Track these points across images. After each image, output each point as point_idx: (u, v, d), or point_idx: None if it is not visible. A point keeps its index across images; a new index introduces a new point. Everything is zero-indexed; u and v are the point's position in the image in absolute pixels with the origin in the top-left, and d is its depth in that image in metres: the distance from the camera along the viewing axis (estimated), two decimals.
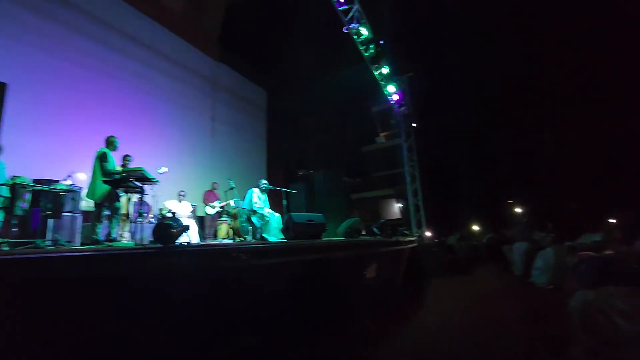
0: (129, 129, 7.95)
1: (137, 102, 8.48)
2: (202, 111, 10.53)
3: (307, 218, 5.69)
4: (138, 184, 4.60)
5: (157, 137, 8.76)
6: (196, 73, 10.43)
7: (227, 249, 3.23)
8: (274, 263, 3.62)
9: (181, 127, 9.63)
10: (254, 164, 12.33)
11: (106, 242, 4.36)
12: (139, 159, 6.44)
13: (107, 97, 7.79)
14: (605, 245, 4.97)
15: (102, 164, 4.54)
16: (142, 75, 8.70)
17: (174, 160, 8.85)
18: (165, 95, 9.27)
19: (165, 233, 2.87)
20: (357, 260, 5.15)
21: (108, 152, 4.69)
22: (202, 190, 8.45)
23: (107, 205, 4.54)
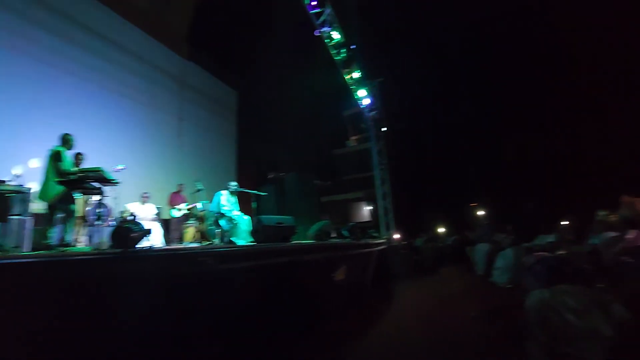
0: (90, 127, 7.51)
1: (98, 100, 8.03)
2: (169, 111, 10.16)
3: (277, 221, 5.63)
4: (97, 185, 4.35)
5: (121, 137, 8.34)
6: (163, 71, 10.06)
7: (193, 253, 3.12)
8: (243, 267, 3.55)
9: (147, 126, 9.23)
10: (223, 165, 12.05)
11: (59, 248, 4.07)
12: (100, 159, 6.09)
13: (65, 93, 7.33)
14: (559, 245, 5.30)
15: (57, 163, 4.23)
16: (105, 71, 8.27)
17: (139, 161, 8.46)
18: (130, 93, 8.85)
19: (124, 237, 2.72)
20: (327, 262, 5.16)
21: (63, 150, 4.39)
22: (168, 192, 8.14)
23: (60, 208, 4.25)
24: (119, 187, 6.27)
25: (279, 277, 4.12)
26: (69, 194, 4.25)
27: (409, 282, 8.20)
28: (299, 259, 4.44)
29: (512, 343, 2.90)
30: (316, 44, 8.60)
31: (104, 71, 8.24)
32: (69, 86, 7.42)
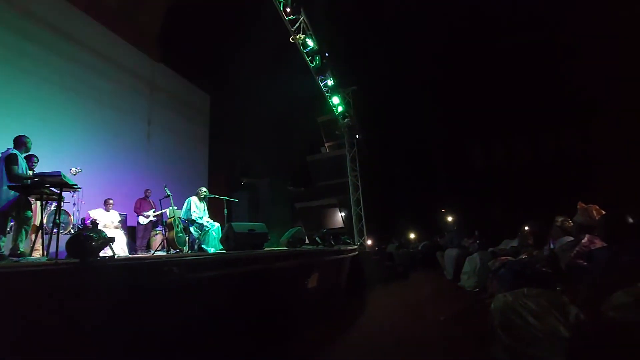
0: (51, 130, 7.12)
1: (60, 101, 7.61)
2: (137, 113, 9.80)
3: (249, 228, 5.54)
4: (55, 191, 4.10)
5: (85, 140, 7.93)
6: (132, 72, 9.71)
7: (158, 263, 2.99)
8: (212, 276, 3.44)
9: (112, 129, 8.84)
10: (193, 170, 11.74)
11: (12, 258, 3.79)
12: (58, 162, 5.76)
13: (23, 93, 6.89)
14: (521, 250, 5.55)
15: (11, 167, 3.96)
16: (68, 71, 7.86)
17: (103, 164, 8.09)
18: (94, 93, 8.45)
19: (83, 246, 2.57)
20: (300, 270, 5.12)
21: (18, 154, 4.12)
22: (134, 198, 7.83)
23: (13, 215, 3.96)
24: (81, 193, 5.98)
25: (250, 285, 4.04)
26: (23, 200, 3.98)
27: (381, 288, 8.28)
28: (271, 266, 4.38)
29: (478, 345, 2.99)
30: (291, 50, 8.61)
31: (68, 71, 7.85)
32: (29, 86, 7.00)
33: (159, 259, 3.30)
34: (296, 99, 15.60)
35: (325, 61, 9.11)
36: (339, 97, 10.93)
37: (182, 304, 3.14)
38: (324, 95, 10.60)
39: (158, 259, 3.19)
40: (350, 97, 11.93)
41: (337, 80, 10.48)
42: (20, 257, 3.82)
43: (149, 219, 7.56)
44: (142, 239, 7.49)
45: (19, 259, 3.74)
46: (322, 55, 8.86)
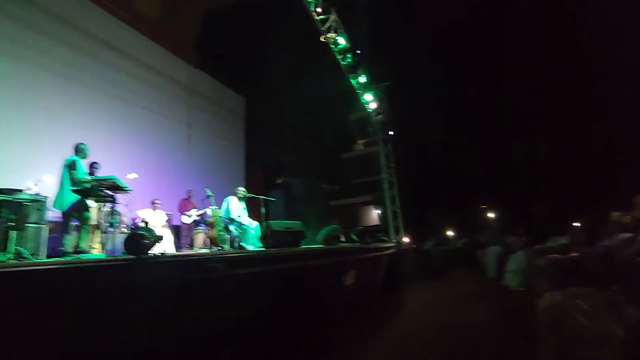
0: (101, 136, 7.66)
1: (109, 109, 8.20)
2: (178, 118, 10.32)
3: (286, 226, 5.68)
4: (109, 193, 4.45)
5: (131, 145, 8.49)
6: (172, 79, 10.23)
7: (203, 259, 3.17)
8: (252, 272, 3.58)
9: (156, 134, 9.39)
10: (231, 171, 12.16)
11: (74, 254, 4.17)
12: (111, 167, 6.22)
13: (78, 103, 7.50)
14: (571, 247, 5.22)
15: (71, 172, 4.36)
16: (115, 81, 8.44)
17: (149, 168, 8.59)
18: (140, 101, 9.02)
19: (137, 244, 2.78)
20: (336, 267, 5.16)
21: (77, 160, 4.52)
22: (178, 198, 8.25)
23: (75, 216, 4.36)
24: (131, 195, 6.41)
25: (288, 282, 4.14)
26: (83, 202, 4.36)
27: (419, 287, 8.15)
28: (308, 263, 4.46)
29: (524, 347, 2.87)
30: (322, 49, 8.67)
31: (116, 81, 8.42)
32: (82, 96, 7.61)
33: (203, 256, 3.48)
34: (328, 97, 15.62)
35: (357, 58, 9.08)
36: (372, 93, 10.84)
37: (225, 298, 3.30)
38: (356, 92, 10.56)
39: (202, 256, 3.38)
40: (383, 93, 11.78)
41: (370, 76, 10.40)
42: (81, 254, 4.20)
43: (192, 218, 7.94)
44: (186, 237, 7.88)
45: (80, 256, 4.10)
46: (354, 53, 8.84)
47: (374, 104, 11.05)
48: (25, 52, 6.72)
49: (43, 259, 4.13)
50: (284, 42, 11.22)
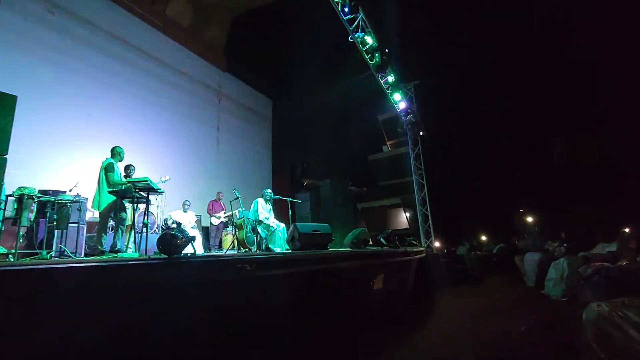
0: (135, 139, 8.05)
1: (142, 113, 8.62)
2: (207, 121, 10.67)
3: (313, 228, 5.71)
4: (143, 194, 4.66)
5: (163, 148, 8.87)
6: (202, 83, 10.59)
7: (232, 260, 3.25)
8: (280, 274, 3.64)
9: (186, 137, 9.75)
10: (259, 173, 12.41)
11: (111, 253, 4.41)
12: (144, 169, 6.53)
13: (113, 108, 7.94)
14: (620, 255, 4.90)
15: (108, 174, 4.62)
16: (148, 86, 8.85)
17: (179, 170, 8.94)
18: (171, 105, 9.41)
19: (170, 244, 2.90)
20: (364, 271, 5.14)
21: (114, 162, 4.78)
22: (207, 200, 8.51)
23: (112, 216, 4.61)
24: (162, 196, 6.69)
25: (316, 284, 4.17)
26: (119, 203, 4.60)
27: (451, 293, 7.93)
28: (336, 266, 4.47)
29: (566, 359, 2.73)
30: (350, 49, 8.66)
31: (149, 87, 8.83)
32: (117, 102, 8.03)
33: (232, 257, 3.58)
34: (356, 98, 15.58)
35: (385, 57, 8.97)
36: (400, 93, 10.69)
37: (253, 299, 3.37)
38: (384, 92, 10.45)
39: (231, 257, 3.47)
40: (413, 92, 11.59)
41: (398, 75, 10.26)
42: (118, 253, 4.43)
43: (220, 219, 8.16)
44: (215, 239, 8.12)
45: (117, 255, 4.33)
46: (382, 52, 8.74)
47: (403, 104, 10.89)
48: (65, 60, 7.20)
49: (83, 257, 4.39)
50: (311, 43, 11.32)
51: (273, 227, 6.34)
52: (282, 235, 6.30)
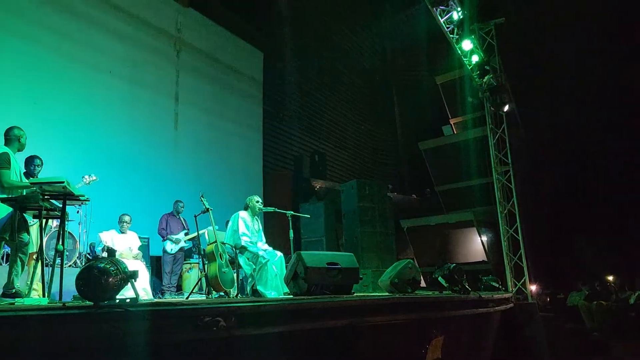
0: (43, 117, 8.19)
1: (53, 73, 8.69)
2: (158, 87, 10.78)
3: (328, 260, 5.71)
4: (57, 204, 4.72)
5: (86, 130, 8.98)
6: (148, 24, 10.66)
7: (198, 311, 3.27)
8: (274, 334, 3.64)
9: (124, 112, 9.87)
10: (242, 171, 12.49)
11: (5, 298, 4.47)
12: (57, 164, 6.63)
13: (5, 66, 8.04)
14: None
15: (1, 171, 4.65)
16: (60, 28, 8.92)
17: (114, 166, 9.05)
18: (98, 62, 9.50)
19: (97, 284, 2.93)
20: (412, 331, 5.10)
21: (10, 152, 4.84)
22: (159, 214, 8.60)
23: (6, 239, 4.66)
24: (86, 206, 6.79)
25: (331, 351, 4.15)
26: (19, 219, 4.65)
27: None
28: (366, 323, 4.44)
29: None
30: None
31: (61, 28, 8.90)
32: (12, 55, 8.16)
33: (197, 304, 3.60)
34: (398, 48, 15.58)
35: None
36: (473, 39, 10.58)
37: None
38: (445, 38, 10.37)
39: (196, 306, 3.49)
40: (494, 37, 11.45)
41: (469, 10, 10.17)
42: (16, 298, 4.49)
43: (180, 244, 8.23)
44: (171, 275, 8.19)
45: (15, 300, 4.39)
46: None
47: (477, 57, 10.79)
48: None
49: None
50: None
51: (264, 258, 6.36)
52: (278, 270, 6.31)
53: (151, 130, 10.39)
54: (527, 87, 14.61)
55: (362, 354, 4.42)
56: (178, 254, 8.28)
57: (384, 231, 10.88)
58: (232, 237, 6.61)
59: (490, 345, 7.16)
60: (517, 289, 10.41)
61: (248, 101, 13.26)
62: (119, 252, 6.80)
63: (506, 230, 10.97)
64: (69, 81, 8.90)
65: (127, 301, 3.22)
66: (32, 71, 8.33)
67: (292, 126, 14.82)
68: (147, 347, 2.91)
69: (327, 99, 16.30)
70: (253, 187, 11.75)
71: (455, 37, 10.38)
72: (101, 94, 9.40)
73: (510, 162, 11.30)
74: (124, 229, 7.29)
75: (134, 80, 10.15)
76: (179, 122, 11.03)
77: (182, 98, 11.19)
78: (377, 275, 8.32)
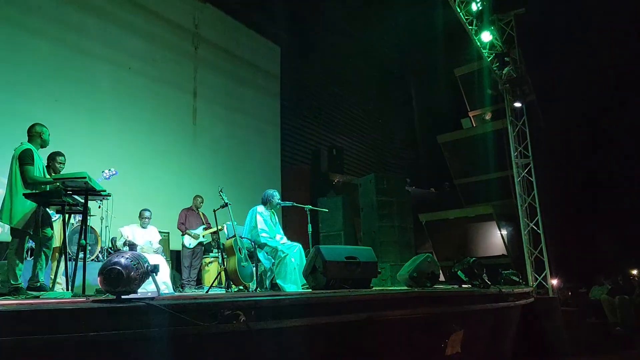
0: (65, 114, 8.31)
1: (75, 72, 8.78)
2: (177, 83, 10.86)
3: (347, 254, 5.72)
4: (79, 199, 4.79)
5: (107, 126, 9.08)
6: (168, 21, 10.75)
7: (218, 304, 3.29)
8: (292, 327, 3.66)
9: (144, 108, 9.97)
10: (260, 165, 12.53)
11: (30, 292, 4.55)
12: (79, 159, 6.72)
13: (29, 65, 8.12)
14: None
15: (24, 167, 4.73)
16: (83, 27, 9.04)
17: (134, 161, 9.16)
18: (118, 59, 9.60)
19: (119, 279, 2.97)
20: (431, 325, 5.09)
21: (33, 149, 4.91)
22: (178, 209, 8.67)
23: (30, 234, 4.74)
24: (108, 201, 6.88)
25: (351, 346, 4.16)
26: (43, 214, 4.74)
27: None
28: (384, 317, 4.44)
29: None
30: None
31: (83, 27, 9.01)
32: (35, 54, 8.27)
33: (217, 298, 3.63)
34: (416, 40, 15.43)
35: None
36: (492, 31, 10.47)
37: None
38: (464, 30, 10.27)
39: (216, 299, 3.51)
40: (514, 27, 11.30)
41: (488, 1, 10.06)
42: (41, 291, 4.58)
43: (199, 239, 8.30)
44: (191, 269, 8.27)
45: (39, 293, 4.48)
46: None
47: (498, 48, 10.67)
48: None
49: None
50: None
51: (283, 252, 6.38)
52: (297, 264, 6.32)
53: (170, 125, 10.49)
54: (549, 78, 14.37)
55: (380, 348, 4.42)
56: (197, 248, 8.35)
57: (402, 225, 10.86)
58: (251, 232, 6.64)
59: (511, 340, 7.11)
60: (538, 283, 10.33)
61: (266, 96, 13.29)
62: (139, 246, 6.89)
63: (527, 224, 10.87)
64: (90, 78, 9.00)
65: (148, 295, 3.26)
66: (52, 69, 8.45)
67: (310, 120, 14.84)
68: (169, 340, 2.95)
69: (345, 93, 16.28)
70: (271, 182, 11.79)
71: (474, 28, 10.28)
72: (121, 90, 9.50)
73: (531, 155, 11.18)
74: (144, 223, 7.39)
75: (153, 76, 10.24)
76: (197, 117, 11.11)
77: (200, 93, 11.26)
78: (396, 269, 8.32)
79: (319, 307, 3.99)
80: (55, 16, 8.58)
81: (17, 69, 7.94)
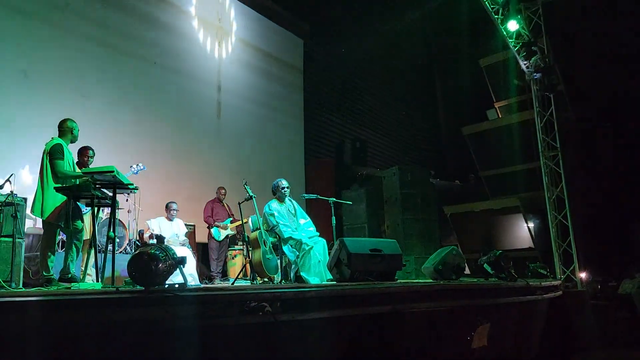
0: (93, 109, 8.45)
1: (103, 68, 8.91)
2: (202, 77, 10.94)
3: (371, 247, 5.72)
4: (107, 193, 4.87)
5: (134, 121, 9.23)
6: (191, 15, 10.84)
7: (243, 296, 3.33)
8: (317, 319, 3.68)
9: (169, 102, 10.09)
10: (284, 158, 12.58)
11: (62, 283, 4.66)
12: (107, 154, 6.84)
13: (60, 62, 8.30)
14: None
15: (55, 162, 4.83)
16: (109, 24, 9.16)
17: (161, 155, 9.28)
18: (145, 54, 9.72)
19: (147, 270, 3.03)
20: (456, 318, 5.06)
21: (64, 144, 5.02)
22: (204, 201, 8.76)
23: (62, 226, 4.85)
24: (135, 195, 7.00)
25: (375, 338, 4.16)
26: (73, 207, 4.84)
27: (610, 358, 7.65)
28: (409, 309, 4.43)
29: None
30: None
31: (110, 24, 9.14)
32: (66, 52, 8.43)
33: (242, 290, 3.67)
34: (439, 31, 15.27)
35: None
36: (519, 19, 10.29)
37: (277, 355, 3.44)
38: (490, 20, 10.12)
39: (242, 291, 3.55)
40: (541, 16, 11.08)
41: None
42: (72, 282, 4.69)
43: (226, 232, 8.37)
44: (217, 262, 8.36)
45: (71, 285, 4.59)
46: None
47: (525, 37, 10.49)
48: None
49: (19, 287, 4.68)
50: None
51: (307, 245, 6.41)
52: (322, 257, 6.34)
53: (195, 119, 10.59)
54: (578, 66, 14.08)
55: (405, 340, 4.42)
56: (224, 240, 8.42)
57: (426, 217, 10.78)
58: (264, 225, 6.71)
59: (538, 333, 7.03)
60: (566, 276, 10.17)
61: (289, 89, 13.31)
62: (166, 238, 7.00)
63: (554, 216, 10.69)
64: (116, 73, 9.14)
65: (176, 286, 3.32)
66: (80, 65, 8.60)
67: (333, 113, 14.81)
68: (196, 330, 3.00)
69: (368, 85, 16.22)
70: (295, 175, 11.85)
71: (500, 17, 10.12)
72: (146, 85, 9.63)
73: (559, 146, 10.98)
74: (171, 216, 7.49)
75: (178, 71, 10.34)
76: (221, 111, 11.19)
77: (225, 87, 11.33)
78: (421, 262, 8.27)
79: (343, 299, 4.01)
80: (82, 13, 8.71)
81: (46, 66, 8.09)
